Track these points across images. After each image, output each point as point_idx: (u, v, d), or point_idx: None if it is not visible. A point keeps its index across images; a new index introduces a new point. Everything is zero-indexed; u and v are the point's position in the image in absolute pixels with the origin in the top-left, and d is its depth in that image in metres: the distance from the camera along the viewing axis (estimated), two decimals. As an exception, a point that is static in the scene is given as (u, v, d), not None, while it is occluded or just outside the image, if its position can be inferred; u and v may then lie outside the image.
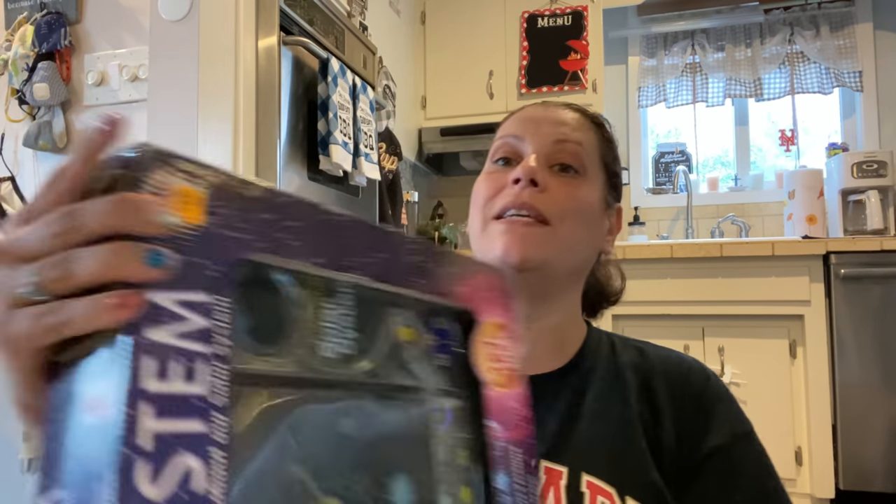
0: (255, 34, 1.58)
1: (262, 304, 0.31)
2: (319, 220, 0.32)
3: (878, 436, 2.06)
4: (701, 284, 2.22)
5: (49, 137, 1.60)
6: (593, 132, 0.68)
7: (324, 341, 0.33)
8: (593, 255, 0.67)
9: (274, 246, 0.30)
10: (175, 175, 0.27)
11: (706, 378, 0.65)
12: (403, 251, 0.36)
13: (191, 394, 0.26)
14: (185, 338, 0.26)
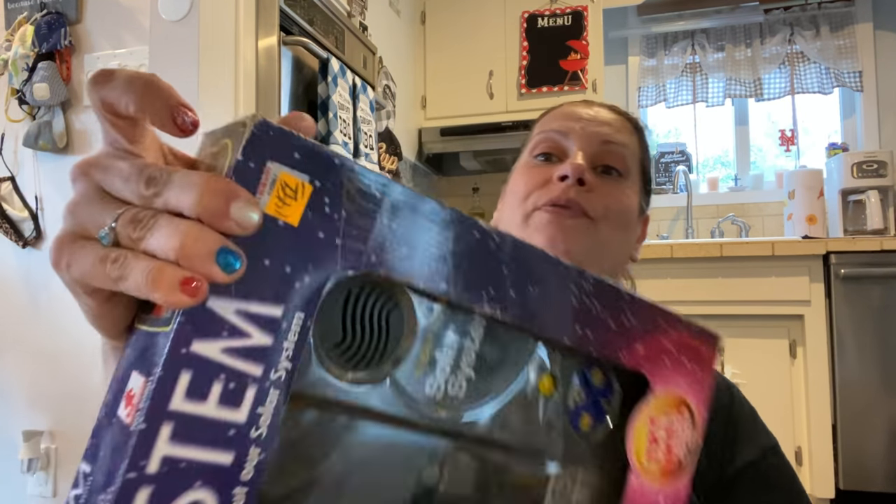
0: (255, 34, 1.58)
1: (362, 316, 0.27)
2: (466, 242, 0.27)
3: (878, 436, 2.06)
4: (701, 284, 2.22)
5: (49, 137, 1.60)
6: (635, 136, 0.68)
7: (432, 375, 0.29)
8: (625, 260, 0.67)
9: (392, 261, 0.25)
10: (285, 161, 0.23)
11: (731, 393, 0.65)
12: (567, 289, 0.30)
13: (226, 421, 0.22)
14: (239, 355, 0.22)
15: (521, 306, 0.28)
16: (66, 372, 1.60)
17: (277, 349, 0.23)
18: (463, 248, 0.26)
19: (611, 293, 0.31)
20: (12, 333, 1.67)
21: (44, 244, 1.65)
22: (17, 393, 1.65)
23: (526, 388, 0.32)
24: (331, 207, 0.24)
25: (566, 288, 0.29)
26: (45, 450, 1.59)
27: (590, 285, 0.30)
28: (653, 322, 0.32)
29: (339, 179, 0.24)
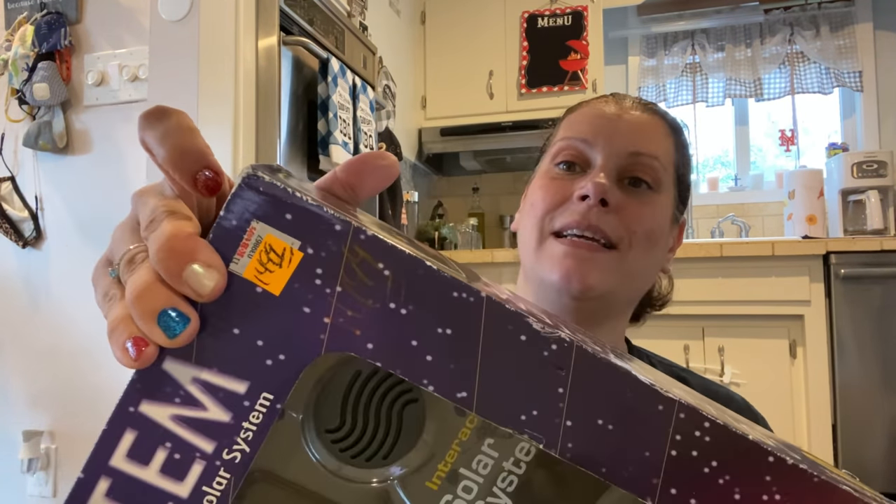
0: (255, 34, 1.58)
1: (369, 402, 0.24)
2: (507, 342, 0.21)
3: (878, 436, 2.06)
4: (701, 284, 2.22)
5: (49, 137, 1.60)
6: (671, 140, 0.60)
7: (451, 493, 0.24)
8: (655, 277, 0.63)
9: (398, 357, 0.21)
10: (273, 222, 0.20)
11: (754, 416, 0.62)
12: (663, 433, 0.21)
13: (166, 492, 0.20)
14: (189, 426, 0.20)
15: (581, 440, 0.21)
16: (66, 372, 1.60)
17: (235, 428, 0.21)
18: (500, 351, 0.21)
19: (748, 452, 0.21)
20: (12, 333, 1.67)
21: (44, 244, 1.65)
22: (17, 393, 1.65)
23: None
24: (323, 280, 0.20)
25: (659, 429, 0.21)
26: (45, 450, 1.59)
27: (705, 434, 0.21)
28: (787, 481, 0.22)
29: (339, 248, 0.20)
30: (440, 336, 0.20)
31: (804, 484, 0.22)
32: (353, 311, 0.20)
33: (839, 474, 0.23)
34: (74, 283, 1.61)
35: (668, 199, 0.59)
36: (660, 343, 2.22)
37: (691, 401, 0.22)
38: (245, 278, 0.20)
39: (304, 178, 1.71)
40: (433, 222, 2.87)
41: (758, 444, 0.22)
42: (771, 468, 0.22)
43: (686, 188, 0.63)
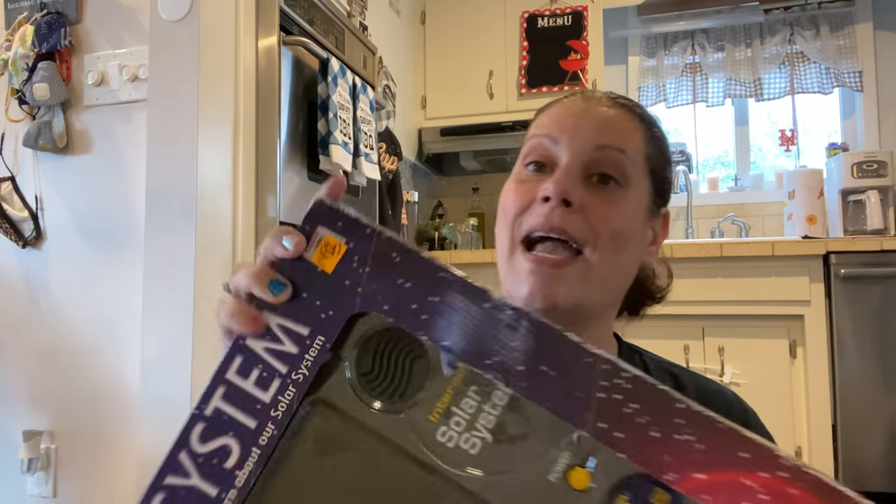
0: (255, 34, 1.58)
1: (392, 358, 0.33)
2: (475, 309, 0.30)
3: (878, 436, 2.06)
4: (701, 284, 2.22)
5: (49, 137, 1.60)
6: (640, 132, 0.59)
7: (446, 425, 0.32)
8: (633, 274, 0.61)
9: (403, 313, 0.31)
10: (330, 227, 0.33)
11: (746, 418, 0.62)
12: (592, 381, 0.29)
13: (256, 397, 0.32)
14: (273, 354, 0.32)
15: (532, 382, 0.29)
16: (66, 372, 1.60)
17: (300, 357, 0.32)
18: (471, 313, 0.30)
19: (661, 399, 0.28)
20: (12, 333, 1.67)
21: (44, 244, 1.65)
22: (17, 393, 1.65)
23: (549, 473, 0.30)
24: (358, 264, 0.32)
25: (588, 377, 0.29)
26: (45, 450, 1.59)
27: (626, 382, 0.29)
28: (729, 453, 0.27)
29: (369, 244, 0.33)
30: (430, 302, 0.31)
31: (712, 427, 0.27)
32: (376, 284, 0.32)
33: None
34: (74, 283, 1.61)
35: (640, 193, 0.57)
36: (660, 343, 2.22)
37: (614, 358, 0.29)
38: (311, 262, 0.33)
39: (304, 178, 1.71)
40: (433, 222, 2.87)
41: (667, 392, 0.28)
42: (681, 413, 0.28)
43: (663, 181, 0.61)
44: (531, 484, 0.30)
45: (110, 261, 1.57)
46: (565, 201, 0.53)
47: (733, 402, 0.63)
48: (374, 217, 2.15)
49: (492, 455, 0.31)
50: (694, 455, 0.28)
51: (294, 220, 1.65)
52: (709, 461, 0.27)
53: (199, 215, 1.39)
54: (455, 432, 0.32)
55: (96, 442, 1.56)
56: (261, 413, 0.32)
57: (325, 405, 0.33)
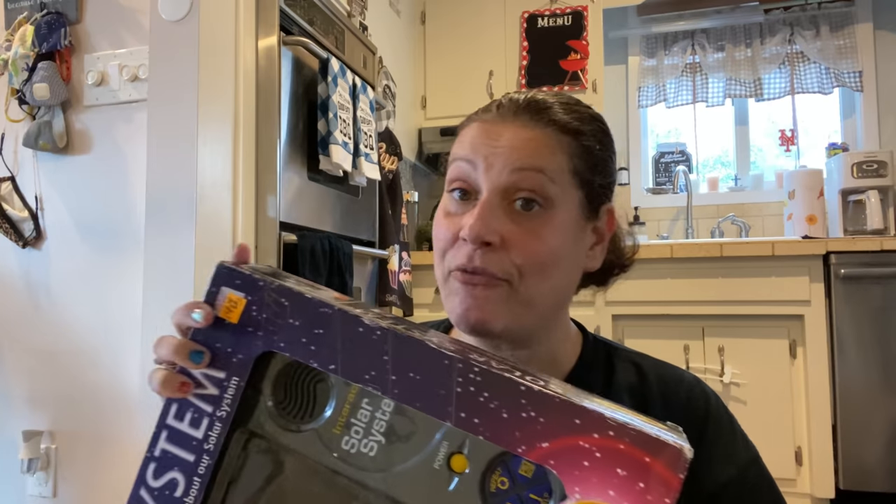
0: (255, 34, 1.58)
1: (300, 386, 0.39)
2: (352, 334, 0.36)
3: (878, 436, 2.06)
4: (701, 284, 2.22)
5: (49, 137, 1.60)
6: (562, 145, 0.56)
7: (348, 435, 0.38)
8: (572, 283, 0.60)
9: (295, 346, 0.37)
10: (231, 285, 0.40)
11: (707, 402, 0.62)
12: (449, 377, 0.34)
13: (191, 435, 0.39)
14: (200, 398, 0.39)
15: (403, 387, 0.35)
16: (66, 372, 1.60)
17: (221, 398, 0.39)
18: (349, 338, 0.36)
19: (507, 385, 0.33)
20: (12, 333, 1.67)
21: (44, 244, 1.65)
22: (17, 393, 1.65)
23: (434, 461, 0.36)
24: (257, 312, 0.39)
25: (447, 376, 0.34)
26: (45, 450, 1.59)
27: (477, 375, 0.34)
28: (565, 422, 0.32)
29: (262, 295, 0.39)
30: (316, 335, 0.37)
31: (550, 402, 0.32)
32: (273, 327, 0.38)
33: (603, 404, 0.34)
34: (74, 283, 1.61)
35: (567, 209, 0.56)
36: (660, 343, 2.22)
37: (468, 357, 0.34)
38: (220, 316, 0.40)
39: (304, 178, 1.71)
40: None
41: (511, 379, 0.33)
42: (524, 394, 0.33)
43: (600, 186, 0.59)
44: (421, 473, 0.36)
45: (110, 261, 1.57)
46: (484, 243, 0.53)
47: (693, 387, 0.63)
48: (375, 217, 2.15)
49: (386, 454, 0.37)
50: (537, 428, 0.32)
51: (294, 220, 1.65)
52: (550, 431, 0.32)
53: (199, 215, 1.39)
54: (356, 440, 0.38)
55: (96, 442, 1.56)
56: (197, 448, 0.38)
57: (253, 433, 0.39)
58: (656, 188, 3.07)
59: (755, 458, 0.62)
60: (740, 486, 0.59)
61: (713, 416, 0.61)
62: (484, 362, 0.34)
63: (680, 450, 0.30)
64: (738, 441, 0.62)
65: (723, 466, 0.59)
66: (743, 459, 0.60)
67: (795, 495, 2.12)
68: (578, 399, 0.33)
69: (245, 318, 0.39)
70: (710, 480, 0.58)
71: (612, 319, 2.27)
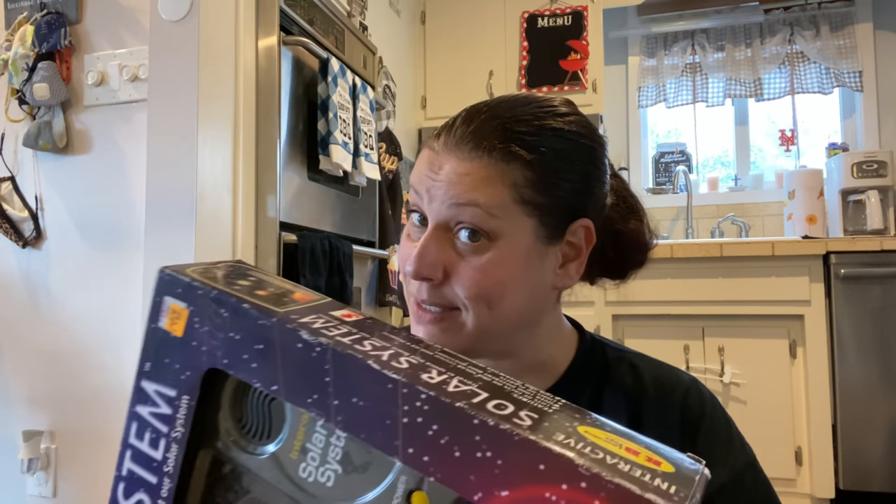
0: (255, 34, 1.58)
1: (256, 404, 0.36)
2: (291, 350, 0.32)
3: (878, 436, 2.06)
4: (701, 284, 2.22)
5: (49, 137, 1.60)
6: (507, 174, 0.53)
7: (305, 462, 0.34)
8: (537, 301, 0.58)
9: (238, 364, 0.34)
10: (173, 294, 0.36)
11: (702, 405, 0.61)
12: (395, 404, 0.29)
13: (151, 456, 0.36)
14: (156, 417, 0.36)
15: (346, 415, 0.30)
16: (66, 372, 1.60)
17: (174, 417, 0.35)
18: (289, 355, 0.32)
19: (458, 417, 0.28)
20: (12, 333, 1.67)
21: (44, 244, 1.65)
22: (17, 393, 1.65)
23: (392, 498, 0.32)
24: (200, 324, 0.35)
25: (393, 403, 0.29)
26: (45, 450, 1.59)
27: (424, 404, 0.29)
28: (528, 466, 0.27)
29: (203, 304, 0.35)
30: (256, 350, 0.33)
31: (508, 441, 0.27)
32: (214, 341, 0.34)
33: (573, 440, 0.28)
34: (74, 283, 1.61)
35: (518, 237, 0.54)
36: (660, 343, 2.22)
37: (417, 379, 0.30)
38: (165, 329, 0.36)
39: (304, 178, 1.71)
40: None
41: (463, 410, 0.28)
42: (478, 429, 0.28)
43: (556, 206, 0.55)
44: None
45: (110, 261, 1.57)
46: (425, 278, 0.54)
47: (689, 389, 0.62)
48: (375, 217, 2.15)
49: (344, 486, 0.33)
50: (495, 472, 0.27)
51: (294, 220, 1.65)
52: (509, 477, 0.27)
53: (199, 215, 1.39)
54: (312, 467, 0.34)
55: (96, 442, 1.56)
56: (157, 470, 0.36)
57: (218, 453, 0.36)
58: (656, 188, 3.08)
59: (752, 461, 0.61)
60: (735, 490, 0.58)
61: (708, 417, 0.61)
62: (438, 384, 0.30)
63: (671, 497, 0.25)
64: (734, 444, 0.61)
65: (718, 470, 0.59)
66: (739, 463, 0.60)
67: (795, 495, 2.12)
68: (550, 433, 0.28)
69: (189, 331, 0.35)
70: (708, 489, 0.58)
71: (612, 319, 2.27)
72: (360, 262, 2.02)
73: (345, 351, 0.31)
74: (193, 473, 0.36)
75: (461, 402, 0.29)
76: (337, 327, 0.34)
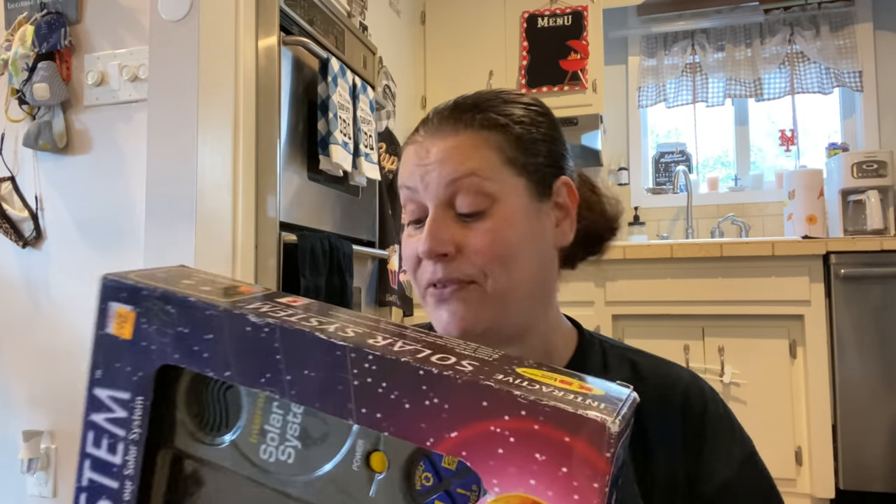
0: (255, 34, 1.58)
1: (211, 396, 0.37)
2: (240, 334, 0.33)
3: (878, 436, 2.06)
4: (701, 284, 2.22)
5: (49, 137, 1.59)
6: (490, 140, 0.58)
7: (265, 444, 0.35)
8: (546, 265, 0.61)
9: (189, 357, 0.35)
10: (118, 299, 0.36)
11: (704, 400, 0.62)
12: (344, 369, 0.31)
13: (111, 462, 0.36)
14: (111, 422, 0.36)
15: (300, 387, 0.32)
16: (66, 372, 1.60)
17: (130, 420, 0.36)
18: (238, 340, 0.33)
19: (404, 371, 0.30)
20: (12, 333, 1.67)
21: (44, 244, 1.65)
22: (17, 393, 1.65)
23: (352, 462, 0.33)
24: (147, 323, 0.36)
25: (342, 368, 0.31)
26: (45, 450, 1.59)
27: (372, 364, 0.30)
28: (472, 406, 0.28)
29: (147, 305, 0.36)
30: (206, 340, 0.34)
31: (452, 385, 0.29)
32: (164, 339, 0.35)
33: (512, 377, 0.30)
34: (74, 283, 1.61)
35: (514, 197, 0.57)
36: (660, 343, 2.22)
37: (363, 344, 0.31)
38: (114, 334, 0.36)
39: (304, 178, 1.71)
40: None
41: (409, 363, 0.30)
42: (423, 379, 0.29)
43: (539, 165, 0.60)
44: (341, 476, 0.34)
45: (110, 261, 1.57)
46: (440, 255, 0.56)
47: (689, 385, 0.63)
48: (375, 217, 2.15)
49: (304, 460, 0.34)
50: (443, 416, 0.29)
51: (294, 220, 1.65)
52: (456, 419, 0.29)
53: (199, 215, 1.39)
54: (272, 447, 0.35)
55: (96, 442, 1.56)
56: (118, 475, 0.36)
57: (178, 451, 0.37)
58: (656, 188, 3.07)
59: (751, 453, 0.62)
60: (737, 484, 0.59)
61: (711, 413, 0.61)
62: (384, 346, 0.31)
63: (602, 424, 0.26)
64: (736, 438, 0.62)
65: (722, 466, 0.59)
66: (739, 457, 0.60)
67: (795, 495, 2.12)
68: (491, 374, 0.30)
69: (137, 333, 0.36)
70: (710, 481, 0.59)
71: (612, 319, 2.27)
72: (360, 262, 2.02)
73: (292, 327, 0.32)
74: (155, 473, 0.37)
75: (406, 357, 0.30)
76: (283, 310, 0.35)
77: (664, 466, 0.58)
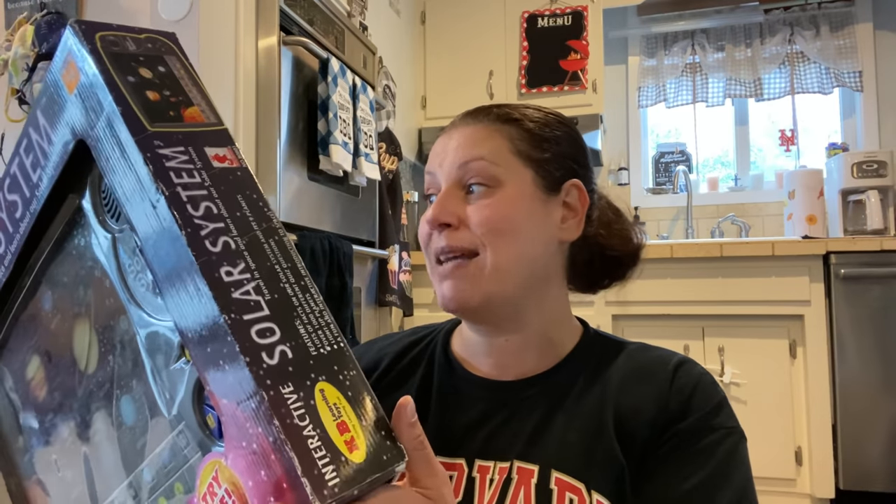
0: (255, 34, 1.58)
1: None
2: (143, 171, 0.33)
3: (878, 436, 2.06)
4: (701, 284, 2.22)
5: (49, 137, 1.60)
6: (502, 132, 0.64)
7: (133, 262, 0.38)
8: (546, 253, 0.64)
9: (100, 153, 0.36)
10: (74, 56, 0.38)
11: (696, 382, 0.62)
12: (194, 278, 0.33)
13: (30, 176, 0.40)
14: (39, 147, 0.39)
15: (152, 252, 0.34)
16: None
17: (49, 154, 0.39)
18: (137, 178, 0.34)
19: (218, 324, 0.31)
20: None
21: (44, 244, 1.65)
22: (17, 393, 1.65)
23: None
24: (85, 98, 0.36)
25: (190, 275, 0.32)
26: (45, 450, 1.59)
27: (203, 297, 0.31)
28: (241, 428, 0.30)
29: (90, 83, 0.36)
30: (117, 152, 0.35)
31: (238, 366, 0.30)
32: (93, 119, 0.37)
33: None
34: (74, 283, 1.61)
35: (519, 183, 0.62)
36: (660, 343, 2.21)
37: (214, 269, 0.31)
38: (63, 82, 0.38)
39: (304, 178, 1.70)
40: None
41: (224, 324, 0.30)
42: (227, 345, 0.30)
43: (548, 161, 0.64)
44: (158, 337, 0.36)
45: (110, 261, 1.57)
46: (443, 224, 0.61)
47: (683, 362, 0.64)
48: (375, 217, 2.15)
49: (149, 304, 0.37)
50: (229, 380, 0.30)
51: (294, 220, 1.65)
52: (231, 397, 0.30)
53: (199, 215, 1.39)
54: (136, 269, 0.37)
55: (96, 442, 1.56)
56: (31, 190, 0.40)
57: (78, 208, 0.40)
58: (656, 188, 3.08)
59: (731, 430, 0.60)
60: (691, 437, 0.58)
61: (702, 390, 0.61)
62: (228, 283, 0.32)
63: (310, 501, 0.27)
64: (723, 414, 0.60)
65: (688, 421, 0.59)
66: (712, 422, 0.59)
67: (795, 495, 2.12)
68: (283, 380, 0.30)
69: (76, 96, 0.38)
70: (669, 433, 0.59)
71: (612, 319, 2.27)
72: (360, 262, 2.02)
73: (172, 209, 0.31)
74: (58, 215, 0.40)
75: (232, 313, 0.30)
76: (192, 173, 0.33)
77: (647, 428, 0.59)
